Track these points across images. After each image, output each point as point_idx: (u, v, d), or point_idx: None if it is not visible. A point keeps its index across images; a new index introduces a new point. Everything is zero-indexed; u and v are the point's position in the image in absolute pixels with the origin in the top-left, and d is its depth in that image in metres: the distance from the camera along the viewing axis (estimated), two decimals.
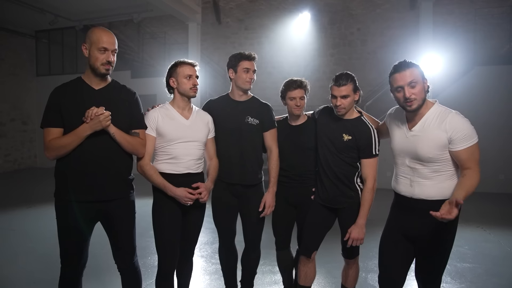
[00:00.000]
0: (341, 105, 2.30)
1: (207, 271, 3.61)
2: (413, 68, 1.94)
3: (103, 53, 2.02)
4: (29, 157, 11.41)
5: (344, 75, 2.30)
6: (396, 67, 1.98)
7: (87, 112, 1.93)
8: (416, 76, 1.93)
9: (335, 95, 2.30)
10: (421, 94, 1.94)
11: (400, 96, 1.97)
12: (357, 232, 2.30)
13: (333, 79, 2.33)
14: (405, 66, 1.95)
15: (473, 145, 1.89)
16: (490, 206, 6.39)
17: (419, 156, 1.98)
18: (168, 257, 2.32)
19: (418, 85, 1.93)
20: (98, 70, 2.04)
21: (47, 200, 2.49)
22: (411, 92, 1.92)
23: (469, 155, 1.89)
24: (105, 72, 2.06)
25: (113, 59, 2.07)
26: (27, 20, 10.26)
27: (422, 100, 1.95)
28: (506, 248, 4.27)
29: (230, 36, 11.01)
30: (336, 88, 2.29)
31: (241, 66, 2.51)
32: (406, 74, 1.93)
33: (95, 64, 2.03)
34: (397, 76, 1.95)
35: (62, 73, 10.83)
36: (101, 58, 2.02)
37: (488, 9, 8.64)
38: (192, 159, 2.36)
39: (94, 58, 2.02)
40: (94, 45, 2.01)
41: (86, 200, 2.04)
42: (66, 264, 2.10)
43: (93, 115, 1.92)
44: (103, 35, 2.03)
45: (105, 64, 2.03)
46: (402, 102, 1.97)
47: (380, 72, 9.31)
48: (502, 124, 7.49)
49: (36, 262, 3.76)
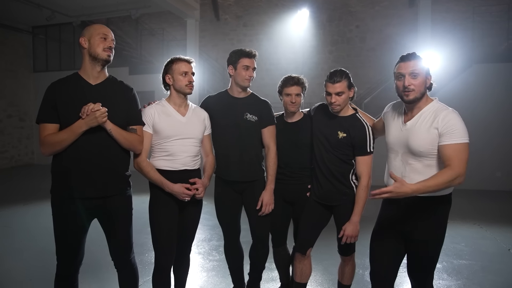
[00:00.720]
0: (336, 102, 2.30)
1: (204, 268, 3.61)
2: (418, 60, 1.97)
3: (104, 40, 2.05)
4: (26, 154, 11.38)
5: (338, 72, 2.31)
6: (403, 57, 2.02)
7: (83, 108, 1.91)
8: (420, 68, 1.96)
9: (329, 92, 2.31)
10: (420, 87, 1.96)
11: (400, 84, 1.99)
12: (351, 229, 2.31)
13: (328, 76, 2.33)
14: (411, 57, 1.98)
15: (461, 143, 1.84)
16: (487, 204, 6.40)
17: (411, 149, 1.98)
18: (165, 254, 2.31)
19: (420, 77, 1.95)
20: (99, 56, 2.04)
21: (44, 197, 2.48)
22: (410, 82, 1.94)
23: (454, 152, 1.82)
24: (107, 57, 2.06)
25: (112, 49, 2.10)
26: (24, 16, 10.20)
27: (420, 93, 1.96)
28: (502, 245, 4.29)
29: (228, 33, 10.99)
30: (331, 85, 2.29)
31: (241, 63, 2.50)
32: (410, 64, 1.96)
33: (96, 51, 2.03)
34: (402, 64, 1.99)
35: (60, 69, 10.80)
36: (103, 44, 2.04)
37: (486, 7, 8.65)
38: (188, 155, 2.35)
39: (95, 45, 2.03)
40: (94, 34, 2.04)
41: (83, 197, 2.03)
42: (62, 261, 2.09)
43: (89, 111, 1.90)
44: (102, 27, 2.10)
45: (106, 49, 2.04)
46: (401, 91, 1.99)
47: (379, 69, 9.32)
48: (500, 122, 7.52)
49: (32, 259, 3.75)
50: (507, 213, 5.89)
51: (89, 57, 2.05)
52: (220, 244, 4.21)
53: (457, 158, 1.81)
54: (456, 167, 1.79)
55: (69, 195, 2.01)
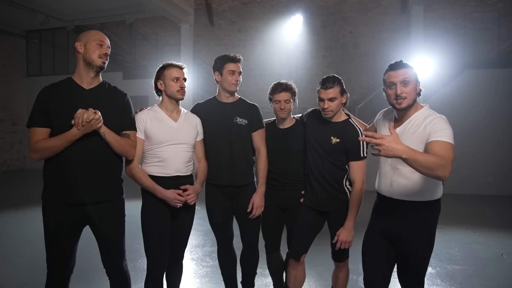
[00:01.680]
0: (329, 107, 2.31)
1: (197, 274, 3.58)
2: (408, 69, 2.00)
3: (100, 46, 2.04)
4: (18, 159, 11.28)
5: (331, 78, 2.32)
6: (392, 65, 2.03)
7: (76, 118, 1.86)
8: (410, 76, 1.98)
9: (322, 98, 2.32)
10: (412, 94, 1.98)
11: (391, 93, 2.00)
12: (345, 235, 2.31)
13: (320, 82, 2.35)
14: (400, 65, 2.00)
15: (447, 142, 1.82)
16: (480, 208, 6.44)
17: None
18: (158, 260, 2.29)
19: (411, 85, 1.97)
20: (94, 62, 2.03)
21: (36, 202, 2.45)
22: (402, 90, 1.96)
23: (442, 147, 1.79)
24: (102, 64, 2.06)
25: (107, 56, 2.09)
26: (17, 20, 10.16)
27: (412, 100, 1.99)
28: (495, 250, 4.30)
29: (222, 38, 11.01)
30: (323, 91, 2.31)
31: (227, 68, 2.51)
32: (400, 72, 1.98)
33: (92, 57, 2.03)
34: (392, 73, 2.01)
35: (53, 74, 10.75)
36: (98, 50, 2.03)
37: (477, 13, 8.76)
38: (181, 161, 2.34)
39: (91, 51, 2.02)
40: (91, 40, 2.03)
41: (75, 203, 2.00)
42: (53, 269, 2.06)
43: (84, 121, 1.87)
44: (99, 33, 2.10)
45: (102, 56, 2.04)
46: (393, 99, 2.00)
47: (372, 75, 9.38)
48: (491, 127, 7.58)
49: (23, 266, 3.70)
50: (500, 218, 5.92)
51: (84, 62, 2.05)
52: (213, 250, 4.18)
53: (445, 153, 1.78)
54: (444, 160, 1.73)
55: (60, 201, 1.99)
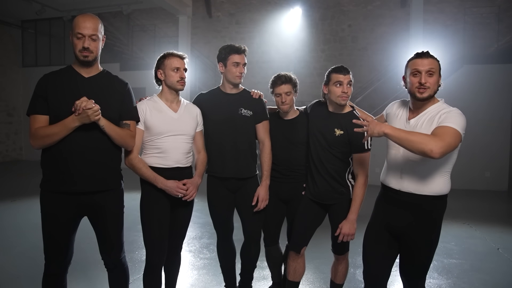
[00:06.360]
0: (348, 92, 2.29)
1: (195, 266, 3.58)
2: (435, 60, 1.98)
3: (79, 39, 1.95)
4: (14, 150, 11.21)
5: (344, 67, 2.32)
6: (419, 54, 2.01)
7: (76, 104, 1.85)
8: (436, 67, 1.97)
9: (341, 81, 2.27)
10: (434, 86, 1.97)
11: (415, 80, 1.97)
12: (348, 228, 2.30)
13: (332, 69, 2.32)
14: (428, 55, 1.99)
15: (452, 128, 1.80)
16: (476, 203, 6.48)
17: None
18: (156, 252, 2.28)
19: (435, 76, 1.96)
20: (77, 57, 1.99)
21: (33, 193, 2.43)
22: (426, 80, 1.94)
23: (442, 130, 1.80)
24: (83, 59, 1.98)
25: (92, 45, 1.97)
26: (13, 10, 10.03)
27: (433, 91, 1.97)
28: (491, 245, 4.33)
29: (221, 30, 10.93)
30: (342, 76, 2.27)
31: (231, 60, 2.46)
32: (427, 61, 1.96)
33: (74, 51, 1.99)
34: (419, 61, 1.98)
35: (49, 64, 10.65)
36: (78, 45, 1.96)
37: (477, 8, 8.73)
38: (181, 152, 2.31)
39: (74, 45, 1.98)
40: (72, 32, 1.97)
41: (74, 192, 1.98)
42: (50, 260, 2.04)
43: (81, 109, 1.85)
44: (80, 20, 1.95)
45: (82, 50, 1.96)
46: (414, 88, 1.97)
47: (371, 69, 9.36)
48: (489, 123, 7.61)
49: (19, 257, 3.68)
50: (496, 212, 5.96)
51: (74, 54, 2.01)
52: (211, 242, 4.19)
53: (443, 134, 1.77)
54: (436, 139, 1.74)
55: (58, 190, 1.97)
